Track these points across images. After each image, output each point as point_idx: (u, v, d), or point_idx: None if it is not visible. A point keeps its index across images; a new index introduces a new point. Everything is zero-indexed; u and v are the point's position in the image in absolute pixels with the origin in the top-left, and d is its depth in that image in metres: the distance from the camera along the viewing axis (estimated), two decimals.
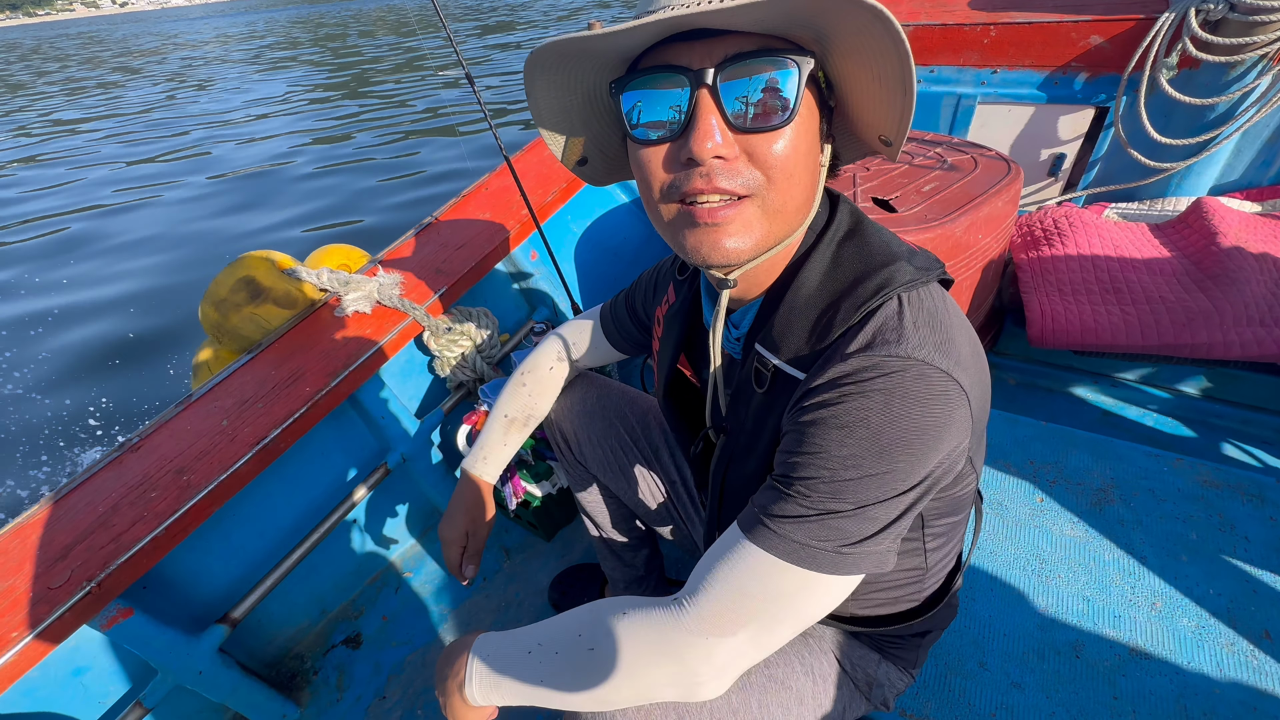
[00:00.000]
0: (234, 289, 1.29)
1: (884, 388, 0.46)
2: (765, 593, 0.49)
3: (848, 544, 0.47)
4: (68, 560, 0.93)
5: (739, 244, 0.50)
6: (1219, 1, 1.44)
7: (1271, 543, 1.10)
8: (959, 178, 1.39)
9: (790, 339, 0.54)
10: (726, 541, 0.52)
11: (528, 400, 0.92)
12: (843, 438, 0.46)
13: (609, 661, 0.52)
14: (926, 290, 0.52)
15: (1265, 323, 1.29)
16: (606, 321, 0.91)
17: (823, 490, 0.47)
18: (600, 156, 0.63)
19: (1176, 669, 0.96)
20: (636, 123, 0.50)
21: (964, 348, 0.50)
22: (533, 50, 0.50)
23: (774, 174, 0.48)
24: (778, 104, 0.46)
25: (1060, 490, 1.24)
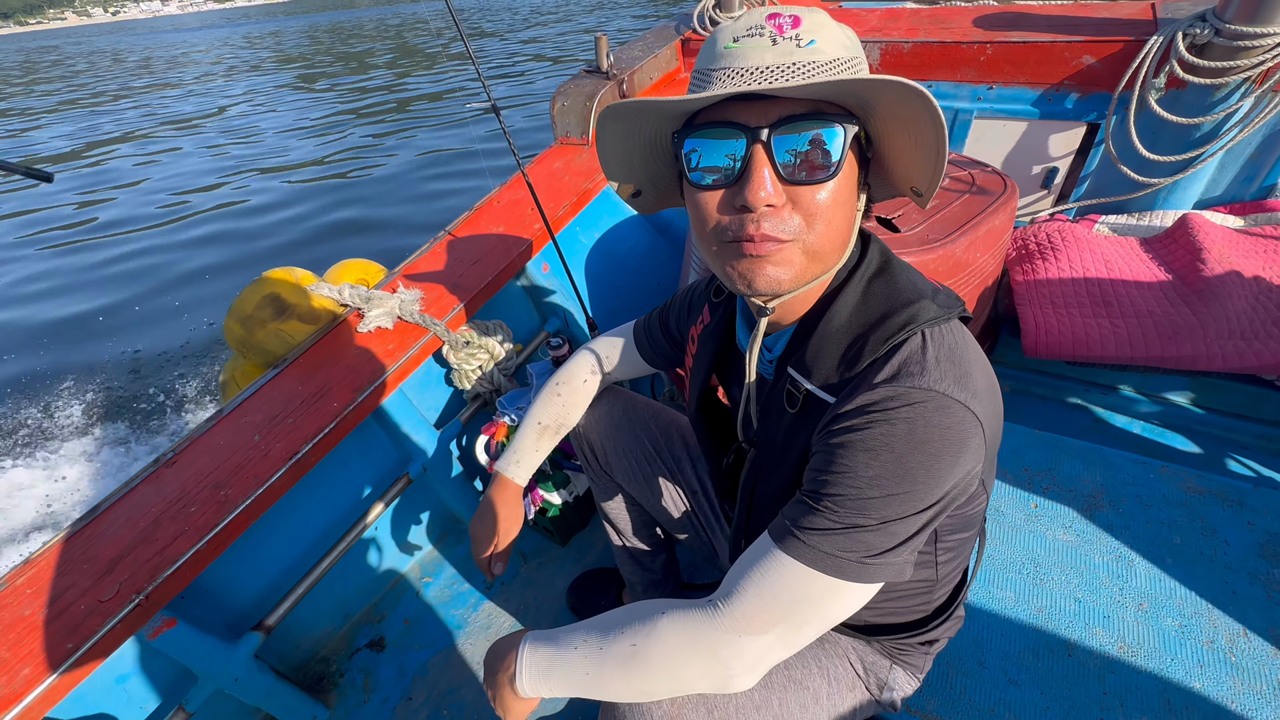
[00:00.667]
0: (259, 306, 1.33)
1: (908, 416, 0.51)
2: (794, 597, 0.54)
3: (870, 555, 0.53)
4: (114, 574, 0.97)
5: (781, 275, 0.56)
6: (1204, 27, 1.50)
7: (1249, 547, 1.18)
8: (957, 196, 1.45)
9: (821, 366, 0.59)
10: (759, 549, 0.58)
11: (561, 410, 0.97)
12: (869, 460, 0.52)
13: (650, 656, 0.58)
14: (947, 326, 0.57)
15: (1246, 336, 1.37)
16: (640, 337, 0.97)
17: (849, 506, 0.52)
18: (653, 190, 0.70)
19: (1161, 665, 1.03)
20: (695, 167, 0.55)
21: (980, 381, 0.55)
22: (609, 106, 0.57)
23: (816, 221, 0.54)
24: (824, 160, 0.52)
25: (1053, 496, 1.31)
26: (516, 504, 0.97)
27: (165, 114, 12.80)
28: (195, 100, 12.90)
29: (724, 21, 2.18)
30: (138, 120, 12.21)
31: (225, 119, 11.40)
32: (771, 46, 0.51)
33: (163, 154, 9.79)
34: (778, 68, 0.50)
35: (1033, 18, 1.85)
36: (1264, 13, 1.41)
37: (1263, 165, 1.67)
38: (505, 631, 1.37)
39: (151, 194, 7.62)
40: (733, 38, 0.53)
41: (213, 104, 11.97)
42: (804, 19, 0.51)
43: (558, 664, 0.62)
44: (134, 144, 10.64)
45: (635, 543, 1.13)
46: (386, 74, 13.00)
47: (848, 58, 0.52)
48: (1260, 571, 1.14)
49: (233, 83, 14.48)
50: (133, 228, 6.69)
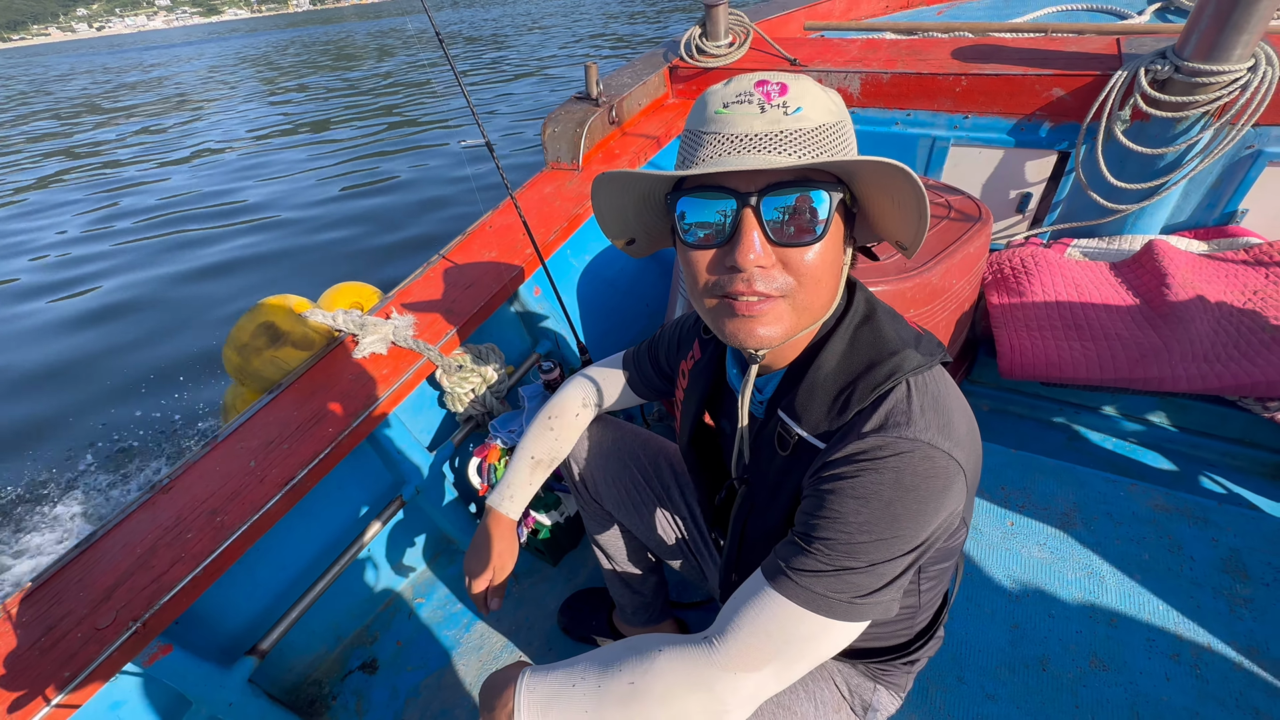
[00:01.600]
0: (254, 334, 1.35)
1: (895, 466, 0.55)
2: (786, 635, 0.57)
3: (859, 596, 0.56)
4: (111, 601, 0.98)
5: (770, 332, 0.59)
6: (1165, 63, 1.58)
7: (1213, 562, 1.23)
8: (935, 223, 1.51)
9: (811, 412, 0.62)
10: (752, 587, 0.60)
11: (554, 444, 0.98)
12: (858, 506, 0.55)
13: (649, 694, 0.60)
14: (930, 374, 0.60)
15: (1209, 359, 1.43)
16: (630, 369, 0.99)
17: (839, 550, 0.56)
18: (646, 237, 0.74)
19: (1130, 679, 1.07)
20: (687, 226, 0.59)
21: (961, 427, 0.58)
22: (603, 173, 0.61)
23: (804, 279, 0.57)
24: (811, 224, 0.55)
25: (1029, 514, 1.36)
26: (511, 538, 0.97)
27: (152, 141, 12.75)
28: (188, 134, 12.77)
29: (710, 49, 2.25)
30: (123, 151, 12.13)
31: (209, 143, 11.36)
32: (760, 114, 0.54)
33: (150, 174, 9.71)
34: (766, 136, 0.53)
35: (1006, 50, 1.93)
36: (1218, 52, 1.49)
37: (1223, 193, 1.75)
38: (498, 652, 1.39)
39: (148, 220, 7.59)
40: (723, 103, 0.56)
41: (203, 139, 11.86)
42: (790, 86, 0.54)
43: (556, 701, 0.64)
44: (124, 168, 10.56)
45: (625, 567, 1.16)
46: (377, 98, 13.04)
47: (832, 123, 0.55)
48: (1224, 586, 1.19)
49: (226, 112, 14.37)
50: (118, 253, 6.66)
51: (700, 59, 2.26)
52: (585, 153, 1.98)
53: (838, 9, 2.85)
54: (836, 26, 2.63)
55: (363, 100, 13.09)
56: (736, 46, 2.27)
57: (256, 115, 13.48)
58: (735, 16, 2.27)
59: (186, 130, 13.00)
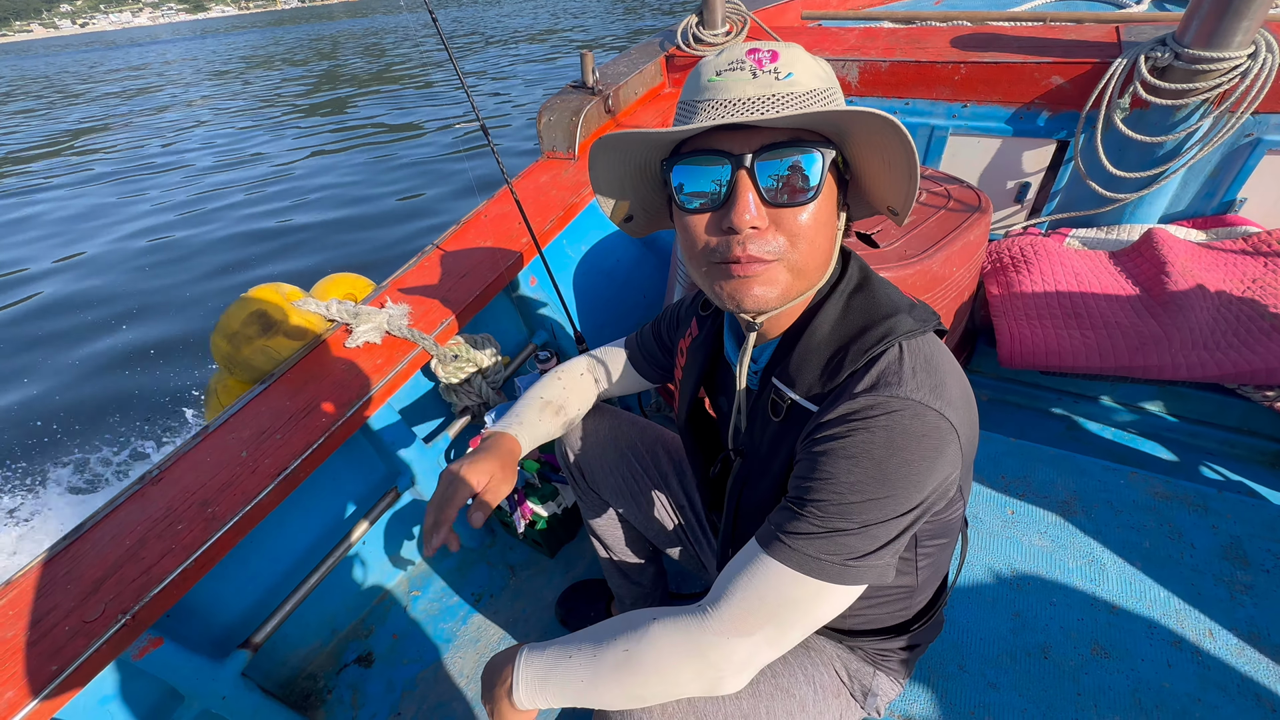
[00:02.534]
0: (245, 322, 1.33)
1: (886, 424, 0.54)
2: (780, 599, 0.57)
3: (853, 558, 0.55)
4: (100, 594, 0.96)
5: (767, 292, 0.59)
6: (1165, 51, 1.57)
7: (1213, 549, 1.22)
8: (935, 212, 1.50)
9: (804, 376, 0.62)
10: (746, 555, 0.60)
11: (562, 392, 0.94)
12: (850, 466, 0.54)
13: (643, 661, 0.60)
14: (923, 339, 0.60)
15: (1208, 346, 1.43)
16: (634, 352, 0.98)
17: (832, 511, 0.55)
18: (644, 214, 0.73)
19: (1131, 666, 1.07)
20: (683, 192, 0.58)
21: (955, 390, 0.58)
22: (601, 138, 0.60)
23: (799, 240, 0.57)
24: (804, 184, 0.56)
25: (1029, 503, 1.35)
26: (513, 463, 0.84)
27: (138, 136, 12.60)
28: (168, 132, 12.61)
29: (707, 38, 2.23)
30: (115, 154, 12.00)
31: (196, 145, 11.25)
32: (752, 80, 0.54)
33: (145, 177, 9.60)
34: (758, 99, 0.53)
35: (1004, 39, 1.92)
36: (1219, 38, 1.48)
37: (1222, 182, 1.74)
38: (494, 644, 1.38)
39: (139, 217, 7.51)
40: (715, 71, 0.56)
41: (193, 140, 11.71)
42: (781, 53, 0.55)
43: (554, 673, 0.64)
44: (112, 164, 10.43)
45: (623, 557, 1.15)
46: (369, 91, 12.89)
47: (823, 88, 0.56)
48: (1224, 573, 1.19)
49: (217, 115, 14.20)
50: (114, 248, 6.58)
51: (697, 48, 2.23)
52: (581, 142, 1.96)
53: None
54: (834, 15, 2.61)
55: (356, 91, 12.96)
56: (733, 35, 2.25)
57: (245, 107, 13.34)
58: (732, 5, 2.25)
59: (168, 123, 12.84)
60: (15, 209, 8.28)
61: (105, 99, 16.42)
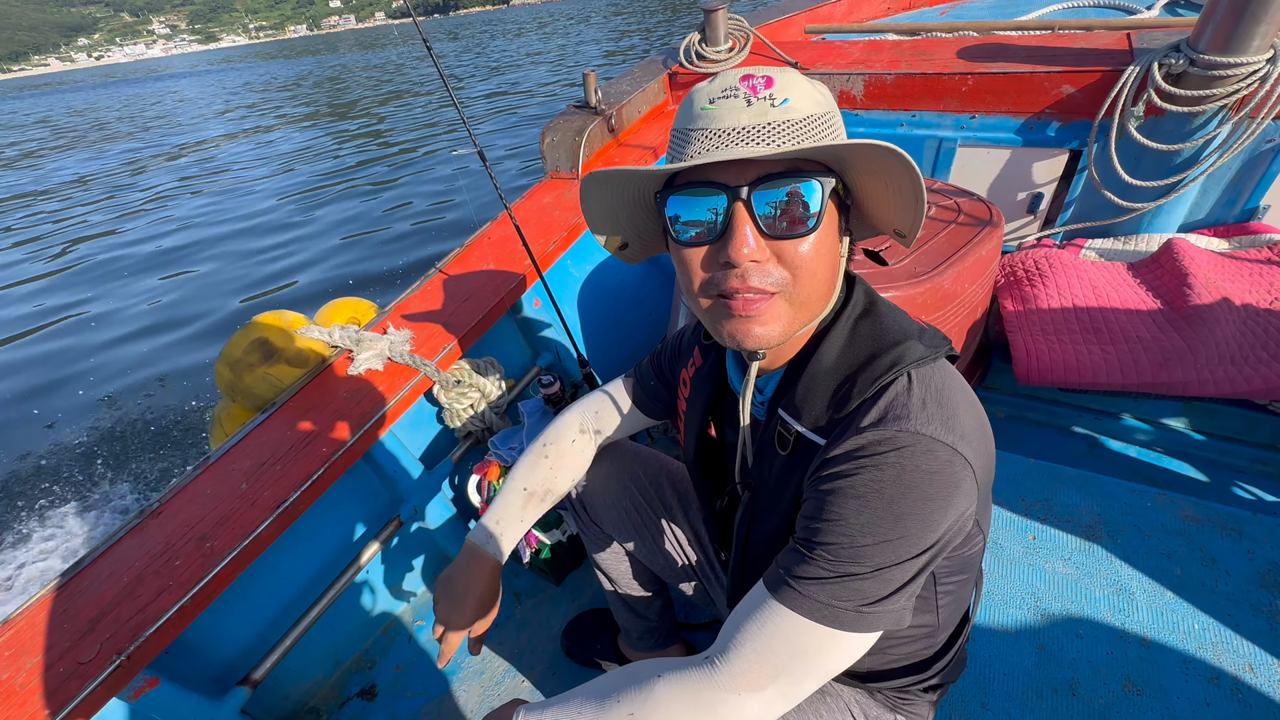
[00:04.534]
0: (248, 350, 1.32)
1: (896, 461, 0.51)
2: (791, 649, 0.53)
3: (866, 604, 0.52)
4: (95, 634, 0.94)
5: (769, 331, 0.56)
6: (1179, 57, 1.53)
7: (1250, 577, 1.16)
8: (944, 226, 1.46)
9: (811, 407, 0.59)
10: (754, 600, 0.57)
11: (549, 474, 0.89)
12: (860, 507, 0.51)
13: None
14: (934, 367, 0.57)
15: (1236, 361, 1.37)
16: (634, 388, 0.93)
17: (842, 555, 0.52)
18: (638, 242, 0.71)
19: (1166, 705, 1.01)
20: (679, 224, 0.56)
21: (968, 421, 0.54)
22: (591, 173, 0.58)
23: (800, 272, 0.55)
24: (803, 214, 0.53)
25: (1051, 527, 1.30)
26: (493, 583, 0.83)
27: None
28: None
29: (709, 54, 2.22)
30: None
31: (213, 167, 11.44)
32: (746, 107, 0.52)
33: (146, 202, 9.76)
34: (754, 128, 0.51)
35: (1012, 48, 1.89)
36: (1235, 43, 1.44)
37: (1244, 189, 1.69)
38: (500, 676, 1.34)
39: (137, 241, 7.65)
40: (709, 99, 0.54)
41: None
42: (776, 79, 0.53)
43: None
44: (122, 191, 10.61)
45: (629, 591, 1.11)
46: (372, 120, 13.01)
47: (821, 114, 0.53)
48: (1263, 603, 1.12)
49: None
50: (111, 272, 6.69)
51: (700, 64, 2.23)
52: (585, 161, 1.95)
53: (839, 11, 2.82)
54: (838, 29, 2.60)
55: (362, 126, 13.12)
56: (736, 51, 2.24)
57: (258, 140, 13.56)
58: (735, 21, 2.24)
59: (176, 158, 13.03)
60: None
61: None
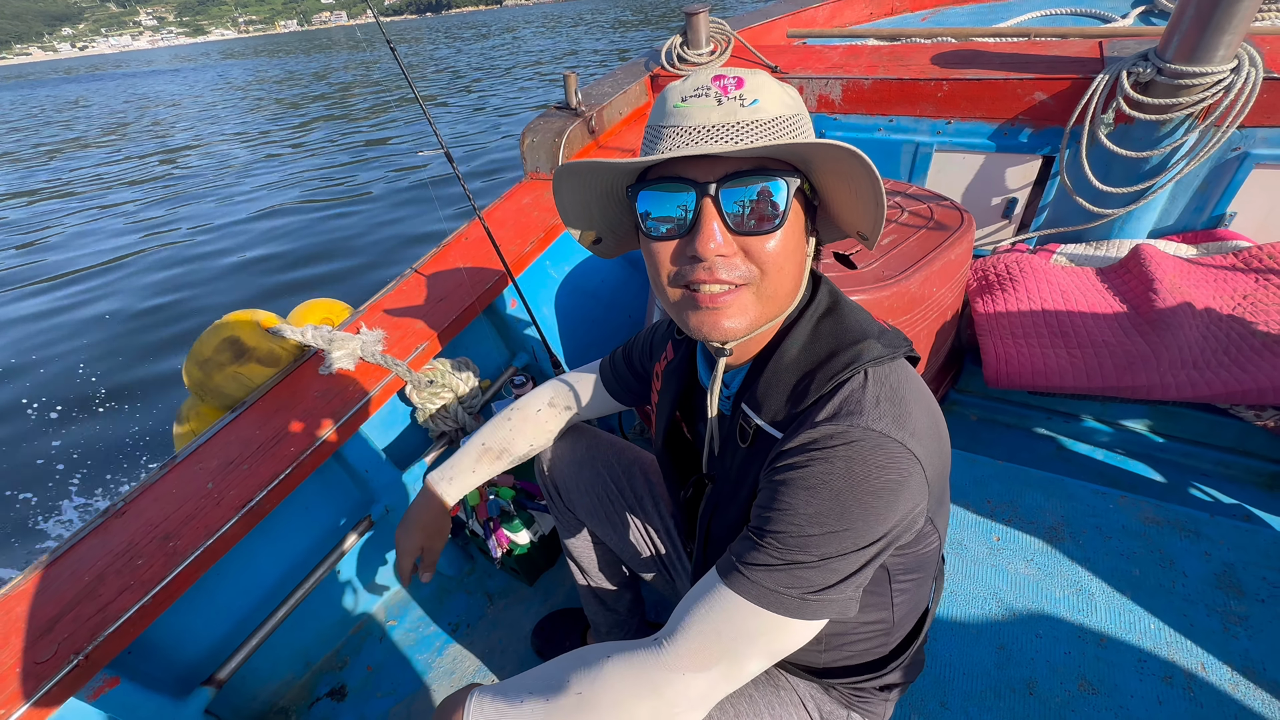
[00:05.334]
0: (218, 349, 1.32)
1: (845, 455, 0.52)
2: (736, 633, 0.55)
3: (811, 592, 0.53)
4: (54, 634, 0.94)
5: (736, 324, 0.58)
6: (1147, 66, 1.55)
7: (1206, 578, 1.18)
8: (915, 231, 1.48)
9: (770, 402, 0.61)
10: (704, 585, 0.58)
11: (507, 434, 0.96)
12: (809, 497, 0.53)
13: (598, 703, 0.57)
14: (891, 366, 0.58)
15: (1198, 366, 1.39)
16: (607, 375, 0.97)
17: (790, 543, 0.53)
18: (612, 236, 0.72)
19: (1120, 703, 1.03)
20: (650, 219, 0.58)
21: (921, 420, 0.56)
22: (564, 164, 0.59)
23: (767, 267, 0.56)
24: (770, 211, 0.55)
25: (1015, 528, 1.32)
26: (443, 517, 0.95)
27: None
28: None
29: (691, 58, 2.23)
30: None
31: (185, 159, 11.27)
32: (717, 106, 0.53)
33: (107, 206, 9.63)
34: (723, 127, 0.53)
35: (987, 55, 1.91)
36: (1201, 53, 1.46)
37: (1211, 196, 1.72)
38: (470, 675, 1.35)
39: (102, 240, 7.55)
40: (681, 97, 0.55)
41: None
42: (747, 80, 0.54)
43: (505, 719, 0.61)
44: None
45: (599, 582, 1.12)
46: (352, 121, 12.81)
47: (789, 115, 0.55)
48: (1217, 603, 1.14)
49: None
50: (73, 270, 6.62)
51: (681, 67, 2.24)
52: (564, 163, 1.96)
53: (821, 16, 2.84)
54: (819, 34, 2.62)
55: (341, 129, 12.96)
56: (718, 55, 2.25)
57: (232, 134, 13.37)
58: (716, 25, 2.26)
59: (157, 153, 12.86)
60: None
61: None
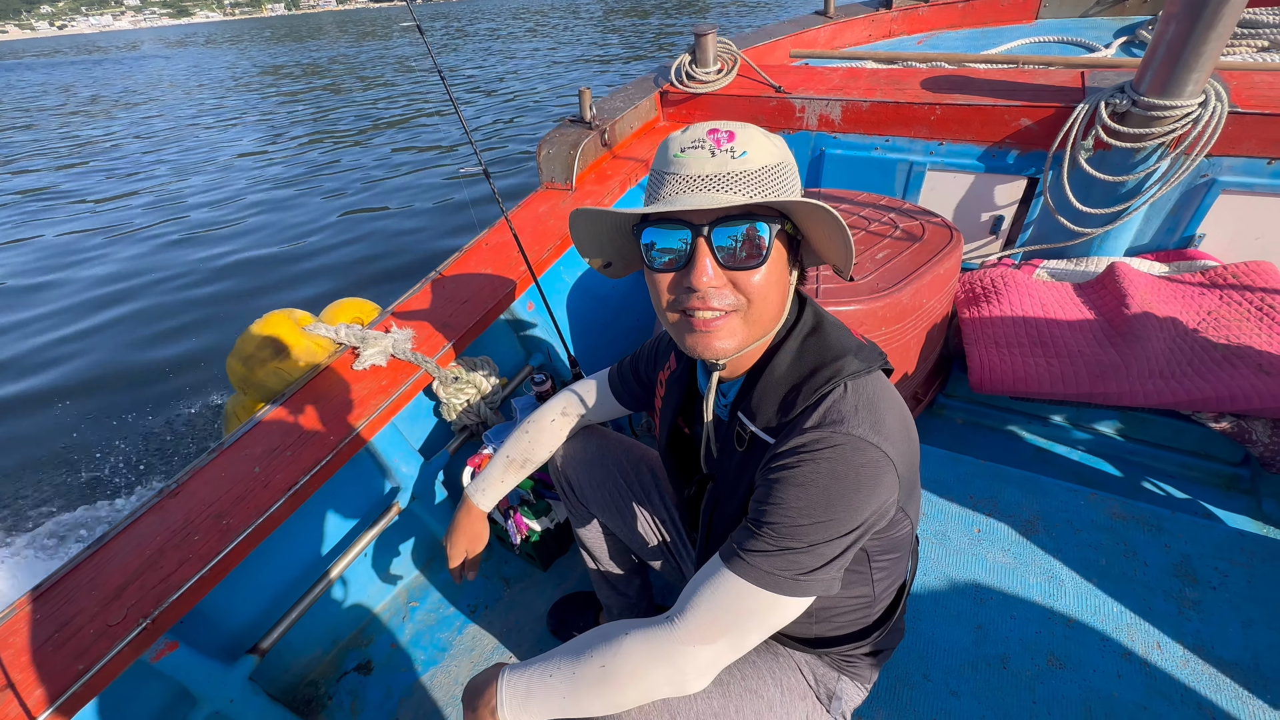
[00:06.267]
0: (259, 345, 1.42)
1: (829, 457, 0.63)
2: (738, 609, 0.65)
3: (802, 573, 0.64)
4: (122, 599, 1.03)
5: (725, 345, 0.68)
6: (1123, 98, 1.68)
7: (1165, 567, 1.30)
8: (907, 246, 1.60)
9: (763, 412, 0.71)
10: (709, 569, 0.68)
11: (527, 445, 1.09)
12: (799, 494, 0.63)
13: (619, 673, 0.67)
14: (868, 378, 0.69)
15: (1165, 375, 1.52)
16: (614, 382, 1.08)
17: (784, 532, 0.64)
18: (621, 261, 0.83)
19: (1084, 677, 1.14)
20: (652, 253, 0.68)
21: (893, 425, 0.66)
22: (576, 210, 0.71)
23: (753, 297, 0.66)
24: (755, 250, 0.64)
25: (995, 521, 1.43)
26: (481, 523, 1.11)
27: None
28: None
29: (699, 75, 2.35)
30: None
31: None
32: (710, 158, 0.63)
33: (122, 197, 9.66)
34: (715, 177, 0.63)
35: (977, 82, 2.04)
36: (1172, 87, 1.59)
37: (1182, 218, 1.85)
38: (489, 654, 1.45)
39: (140, 238, 7.61)
40: (680, 148, 0.65)
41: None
42: (738, 134, 0.64)
43: (536, 692, 0.70)
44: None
45: (610, 568, 1.22)
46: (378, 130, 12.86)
47: (774, 164, 0.64)
48: (1174, 590, 1.26)
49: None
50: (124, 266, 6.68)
51: (690, 84, 2.36)
52: (579, 173, 2.06)
53: (822, 37, 2.96)
54: (820, 55, 2.74)
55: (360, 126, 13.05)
56: (724, 73, 2.37)
57: (245, 135, 13.45)
58: (723, 44, 2.37)
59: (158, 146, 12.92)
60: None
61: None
